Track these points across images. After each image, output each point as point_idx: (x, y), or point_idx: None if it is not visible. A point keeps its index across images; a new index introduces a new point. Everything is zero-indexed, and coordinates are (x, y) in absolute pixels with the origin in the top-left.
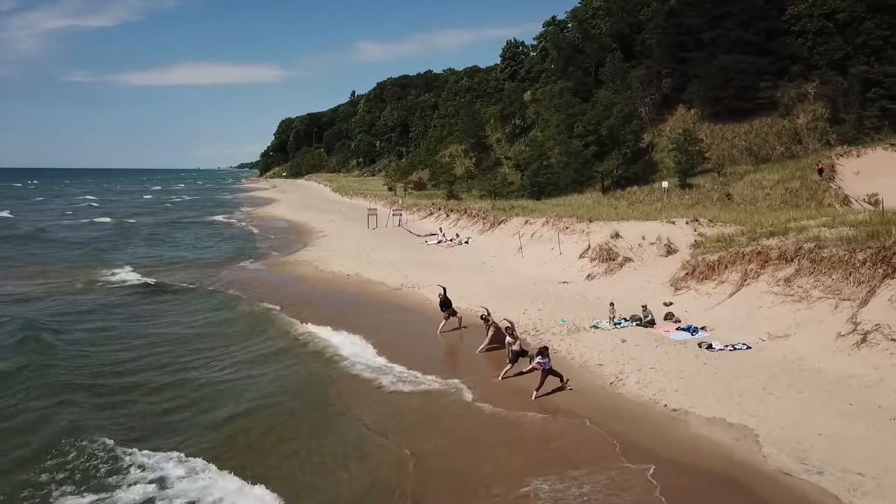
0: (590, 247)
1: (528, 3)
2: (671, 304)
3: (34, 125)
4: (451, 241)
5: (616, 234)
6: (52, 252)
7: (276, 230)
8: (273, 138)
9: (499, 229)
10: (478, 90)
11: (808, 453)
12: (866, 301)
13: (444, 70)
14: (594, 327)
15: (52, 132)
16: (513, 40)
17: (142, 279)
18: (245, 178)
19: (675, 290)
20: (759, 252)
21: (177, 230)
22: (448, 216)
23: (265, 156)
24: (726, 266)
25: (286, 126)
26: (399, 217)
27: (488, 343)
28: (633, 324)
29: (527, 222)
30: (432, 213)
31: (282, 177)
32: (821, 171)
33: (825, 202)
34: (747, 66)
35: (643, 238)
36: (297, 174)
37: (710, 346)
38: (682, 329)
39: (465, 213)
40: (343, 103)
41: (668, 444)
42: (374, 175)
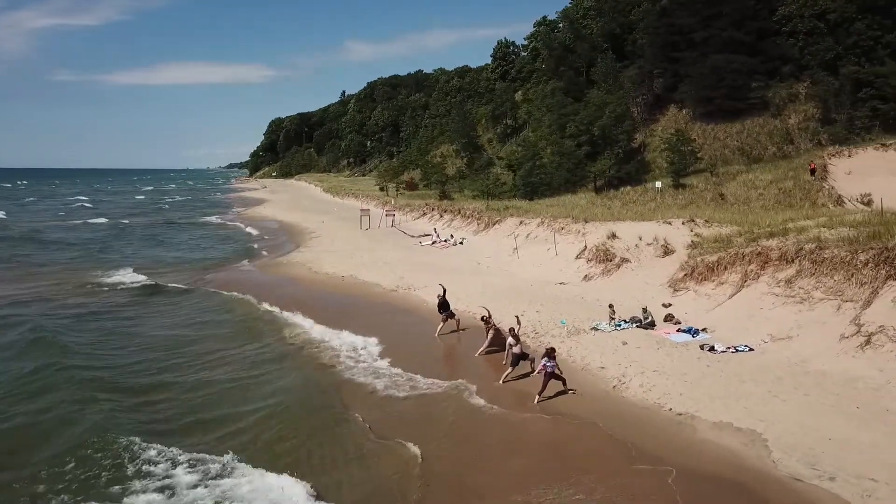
0: (586, 247)
1: (517, 4)
2: (670, 305)
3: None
4: (446, 241)
5: (612, 235)
6: (50, 253)
7: (268, 231)
8: (263, 138)
9: (493, 230)
10: (469, 90)
11: (818, 458)
12: (869, 302)
13: (435, 70)
14: (594, 329)
15: (40, 132)
16: (504, 40)
17: (144, 281)
18: (234, 179)
19: (674, 291)
20: (759, 253)
21: (172, 231)
22: (442, 217)
23: (255, 156)
24: (725, 267)
25: (276, 126)
26: (392, 218)
27: (488, 346)
28: (633, 325)
29: (521, 223)
30: (426, 214)
31: (272, 177)
32: (813, 171)
33: (819, 202)
34: (739, 66)
35: (640, 239)
36: (286, 174)
37: (711, 349)
38: (683, 331)
39: (459, 213)
40: (333, 103)
41: (676, 448)
42: (364, 175)
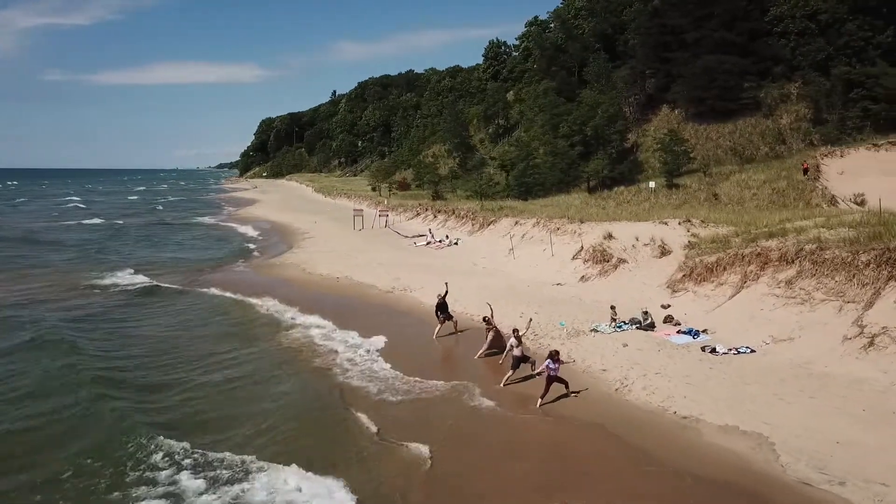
0: (582, 248)
1: (508, 4)
2: (669, 306)
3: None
4: (441, 242)
5: (609, 235)
6: (49, 254)
7: (261, 231)
8: (253, 138)
9: (488, 230)
10: (460, 90)
11: (826, 462)
12: (871, 303)
13: (426, 70)
14: (594, 331)
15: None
16: (495, 40)
17: (143, 282)
18: (225, 179)
19: (673, 292)
20: (759, 253)
21: (167, 232)
22: (436, 217)
23: (245, 156)
24: (725, 268)
25: (266, 126)
26: (385, 218)
27: (487, 348)
28: (633, 327)
29: (517, 223)
30: (419, 214)
31: (262, 177)
32: (806, 171)
33: (812, 202)
34: (730, 66)
35: (636, 239)
36: (277, 174)
37: (713, 350)
38: (683, 332)
39: (454, 213)
40: (324, 103)
41: (682, 452)
42: (356, 175)
